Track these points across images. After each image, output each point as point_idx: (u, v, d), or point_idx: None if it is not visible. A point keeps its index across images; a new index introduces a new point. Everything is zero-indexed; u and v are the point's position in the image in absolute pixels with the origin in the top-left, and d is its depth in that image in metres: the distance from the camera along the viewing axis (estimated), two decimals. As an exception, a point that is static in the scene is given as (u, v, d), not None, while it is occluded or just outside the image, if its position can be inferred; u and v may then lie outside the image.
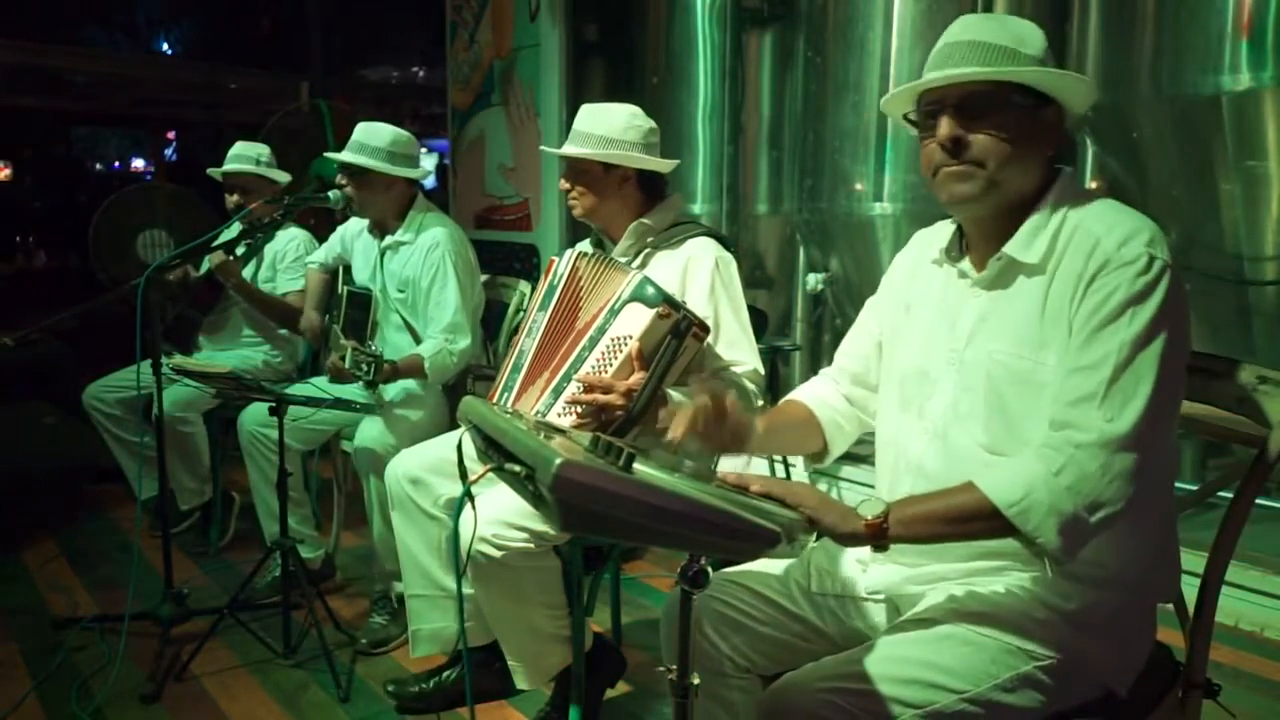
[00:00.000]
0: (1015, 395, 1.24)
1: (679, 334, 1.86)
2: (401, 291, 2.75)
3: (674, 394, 1.87)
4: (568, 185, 2.16)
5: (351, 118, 3.00)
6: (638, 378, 1.85)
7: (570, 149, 2.11)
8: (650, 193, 2.16)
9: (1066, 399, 1.17)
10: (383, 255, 2.79)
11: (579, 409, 1.86)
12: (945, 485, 1.23)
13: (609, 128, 2.09)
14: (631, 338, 1.85)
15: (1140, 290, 1.15)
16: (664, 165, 2.13)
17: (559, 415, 1.91)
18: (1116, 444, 1.13)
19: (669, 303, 1.85)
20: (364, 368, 2.42)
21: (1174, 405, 1.20)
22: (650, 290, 1.87)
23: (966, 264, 1.35)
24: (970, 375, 1.29)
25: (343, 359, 2.45)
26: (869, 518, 1.18)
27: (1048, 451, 1.16)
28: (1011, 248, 1.26)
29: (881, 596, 1.41)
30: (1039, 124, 1.26)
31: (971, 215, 1.34)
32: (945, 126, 1.26)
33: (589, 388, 1.85)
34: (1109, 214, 1.24)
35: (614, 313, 1.91)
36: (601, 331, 1.92)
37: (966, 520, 1.18)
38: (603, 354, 1.90)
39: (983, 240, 1.33)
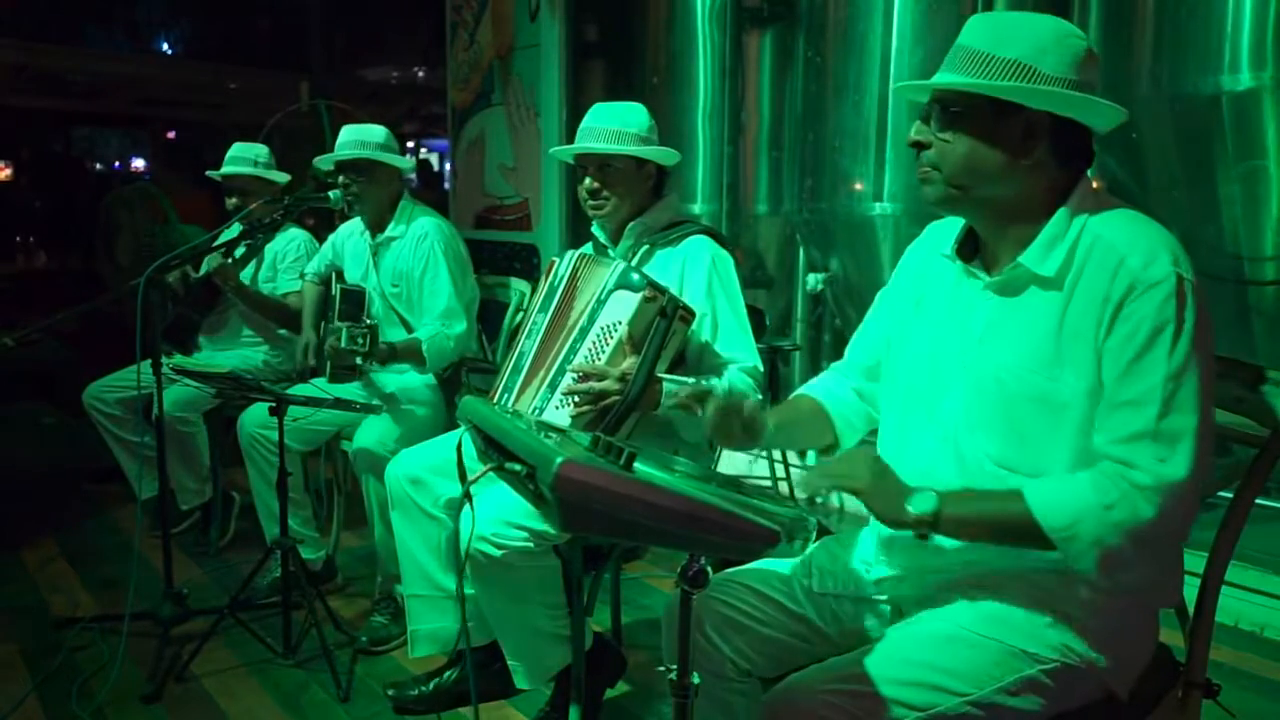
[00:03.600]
0: (1030, 414, 1.24)
1: (667, 315, 1.87)
2: (396, 285, 2.78)
3: (668, 380, 1.88)
4: (598, 185, 2.10)
5: (353, 118, 3.00)
6: (631, 362, 1.86)
7: (617, 147, 2.06)
8: (659, 191, 2.17)
9: (1117, 435, 1.17)
10: (375, 253, 2.82)
11: (576, 399, 1.87)
12: None
13: (639, 125, 2.08)
14: (621, 323, 1.87)
15: (1173, 316, 1.15)
16: (673, 157, 2.15)
17: (556, 408, 1.91)
18: (1174, 489, 1.13)
19: (653, 286, 1.87)
20: (360, 340, 2.44)
21: (1213, 424, 1.20)
22: (634, 276, 1.89)
23: (977, 264, 1.34)
24: (981, 382, 1.28)
25: (339, 339, 2.46)
26: (919, 513, 1.19)
27: (1103, 481, 1.15)
28: (1028, 258, 1.25)
29: (885, 597, 1.41)
30: (1002, 133, 1.23)
31: (965, 218, 1.34)
32: (913, 130, 1.29)
33: (584, 376, 1.86)
34: (1129, 226, 1.22)
35: (601, 302, 1.92)
36: (591, 321, 1.93)
37: (1013, 533, 1.20)
38: (594, 343, 1.91)
39: (992, 241, 1.32)
